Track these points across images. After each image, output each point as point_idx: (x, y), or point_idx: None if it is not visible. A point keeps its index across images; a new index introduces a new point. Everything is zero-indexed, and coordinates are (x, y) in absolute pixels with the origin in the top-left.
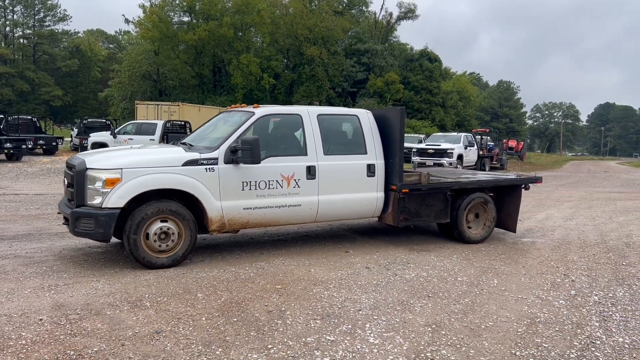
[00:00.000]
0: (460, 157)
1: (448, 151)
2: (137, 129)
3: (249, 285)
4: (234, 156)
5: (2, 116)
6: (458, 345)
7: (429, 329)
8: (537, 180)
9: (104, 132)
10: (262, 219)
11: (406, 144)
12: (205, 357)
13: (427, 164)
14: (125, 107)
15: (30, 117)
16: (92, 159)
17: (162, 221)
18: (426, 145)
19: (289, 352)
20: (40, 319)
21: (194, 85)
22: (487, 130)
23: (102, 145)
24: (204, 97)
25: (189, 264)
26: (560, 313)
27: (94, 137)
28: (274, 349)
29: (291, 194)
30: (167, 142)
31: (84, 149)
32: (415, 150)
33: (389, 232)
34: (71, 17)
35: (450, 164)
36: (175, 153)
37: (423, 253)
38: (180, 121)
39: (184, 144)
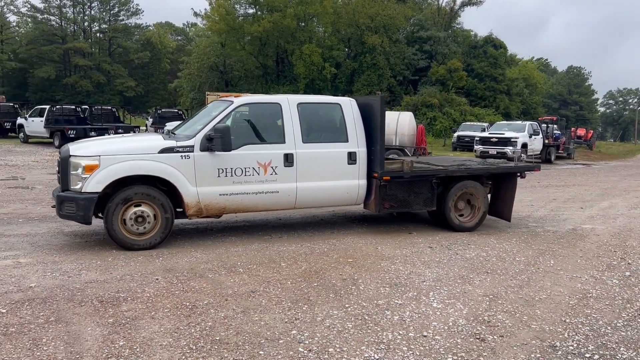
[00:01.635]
0: (524, 145)
1: (512, 140)
2: None
3: (324, 258)
4: (209, 144)
5: (87, 107)
6: (513, 312)
7: (487, 298)
8: (534, 168)
9: (178, 121)
10: (240, 204)
11: (469, 133)
12: (294, 311)
13: (489, 152)
14: (194, 98)
15: (110, 107)
16: (75, 146)
17: (137, 205)
18: (489, 133)
19: (363, 310)
20: (157, 279)
21: (258, 76)
22: (554, 119)
23: None
24: (268, 87)
25: (270, 239)
26: (612, 290)
27: (169, 126)
28: (350, 307)
29: (268, 180)
30: None
31: None
32: (478, 138)
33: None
34: (143, 11)
35: (514, 152)
36: (153, 141)
37: (483, 236)
38: None
39: (172, 133)
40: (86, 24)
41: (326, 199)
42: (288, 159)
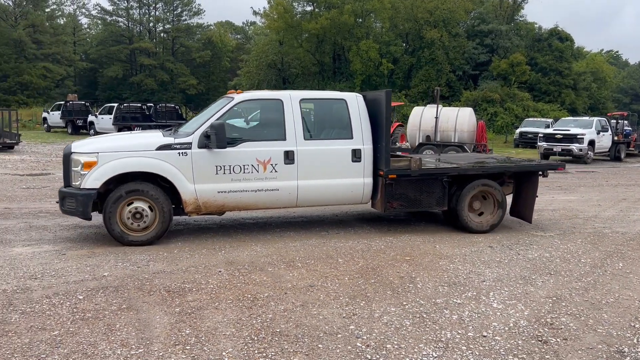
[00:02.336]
0: (591, 142)
1: (578, 136)
2: None
3: (380, 255)
4: (206, 141)
5: (152, 104)
6: (578, 315)
7: (550, 300)
8: (557, 167)
9: (238, 119)
10: (239, 202)
11: (532, 129)
12: (352, 307)
13: (554, 150)
14: None
15: (173, 105)
16: (77, 143)
17: (135, 202)
18: (554, 130)
19: (421, 308)
20: (220, 271)
21: (315, 73)
22: (625, 114)
23: None
24: (325, 84)
25: (327, 235)
26: None
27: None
28: (408, 305)
29: (268, 178)
30: None
31: None
32: (542, 135)
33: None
34: (204, 11)
35: (580, 150)
36: (152, 138)
37: (546, 236)
38: None
39: (176, 130)
40: (151, 24)
41: (330, 198)
42: (288, 156)
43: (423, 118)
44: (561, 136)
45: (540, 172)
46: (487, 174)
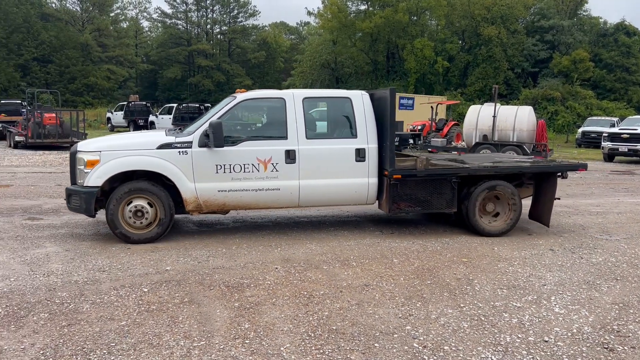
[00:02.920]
0: None
1: None
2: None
3: (436, 257)
4: (207, 140)
5: (209, 105)
6: None
7: (616, 307)
8: (578, 167)
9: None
10: (240, 201)
11: (595, 128)
12: (408, 307)
13: (620, 150)
14: None
15: None
16: (83, 142)
17: (137, 200)
18: (620, 129)
19: (479, 311)
20: (276, 268)
21: (368, 72)
22: None
23: None
24: (378, 83)
25: (381, 235)
26: None
27: None
28: (466, 307)
29: (269, 177)
30: None
31: None
32: (606, 135)
33: (575, 218)
34: (260, 12)
35: None
36: (154, 137)
37: (612, 240)
38: None
39: (180, 129)
40: (208, 26)
41: (333, 198)
42: (289, 156)
43: (480, 117)
44: (628, 135)
45: (559, 174)
46: (500, 175)
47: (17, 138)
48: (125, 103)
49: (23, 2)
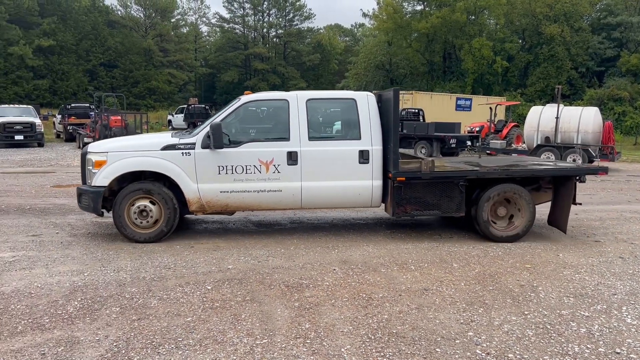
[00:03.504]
0: None
1: None
2: None
3: (498, 262)
4: (209, 141)
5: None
6: None
7: None
8: (597, 171)
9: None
10: (242, 202)
11: None
12: (470, 313)
13: None
14: None
15: None
16: (94, 144)
17: (142, 200)
18: None
19: (544, 319)
20: (334, 269)
21: (424, 73)
22: None
23: None
24: (433, 84)
25: (439, 239)
26: None
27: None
28: (530, 315)
29: (271, 179)
30: (401, 130)
31: None
32: None
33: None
34: (315, 15)
35: None
36: (159, 138)
37: None
38: (414, 109)
39: (188, 131)
40: (265, 30)
41: (336, 200)
42: (291, 157)
43: (542, 118)
44: None
45: (577, 178)
46: (512, 179)
47: (85, 139)
48: (185, 106)
49: (92, 11)
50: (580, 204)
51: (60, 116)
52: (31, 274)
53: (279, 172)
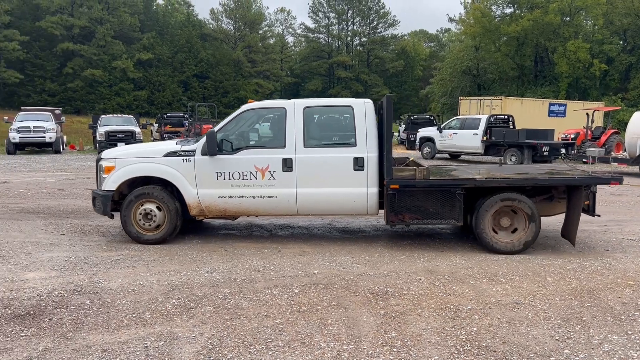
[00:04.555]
0: None
1: None
2: (462, 124)
3: (597, 277)
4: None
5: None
6: None
7: None
8: (610, 181)
9: (430, 127)
10: (239, 207)
11: None
12: (566, 330)
13: None
14: (444, 103)
15: None
16: (107, 151)
17: (147, 203)
18: None
19: None
20: (420, 279)
21: (513, 77)
22: None
23: (429, 139)
24: (524, 89)
25: (530, 251)
26: None
27: (422, 132)
28: (634, 335)
29: (266, 185)
30: (490, 137)
31: (411, 143)
32: None
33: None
34: (399, 21)
35: None
36: (163, 146)
37: None
38: (504, 115)
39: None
40: (349, 38)
41: (331, 207)
42: (287, 164)
43: None
44: None
45: (587, 188)
46: (516, 187)
47: None
48: None
49: (186, 25)
50: (599, 215)
51: (157, 125)
52: (134, 272)
53: (274, 178)
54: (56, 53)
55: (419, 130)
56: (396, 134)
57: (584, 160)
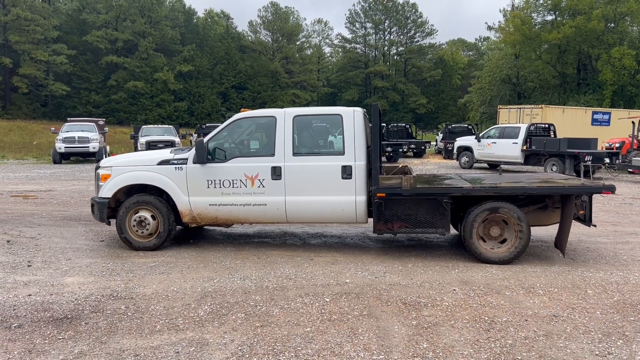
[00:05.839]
0: None
1: None
2: (501, 133)
3: None
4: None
5: (384, 124)
6: None
7: None
8: (601, 190)
9: (468, 136)
10: (229, 215)
11: None
12: (606, 345)
13: None
14: (484, 112)
15: (404, 124)
16: (105, 159)
17: (141, 211)
18: None
19: None
20: (454, 289)
21: (555, 86)
22: None
23: (467, 149)
24: (566, 97)
25: (572, 263)
26: None
27: (460, 141)
28: None
29: (256, 193)
30: (530, 146)
31: (448, 152)
32: None
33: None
34: (437, 30)
35: None
36: (156, 154)
37: None
38: (544, 124)
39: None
40: (385, 48)
41: (320, 215)
42: (275, 172)
43: None
44: None
45: (577, 197)
46: (502, 196)
47: None
48: None
49: (225, 37)
50: (595, 225)
51: (196, 135)
52: (168, 278)
53: (263, 186)
54: (101, 66)
55: (457, 139)
56: (433, 143)
57: (629, 170)
